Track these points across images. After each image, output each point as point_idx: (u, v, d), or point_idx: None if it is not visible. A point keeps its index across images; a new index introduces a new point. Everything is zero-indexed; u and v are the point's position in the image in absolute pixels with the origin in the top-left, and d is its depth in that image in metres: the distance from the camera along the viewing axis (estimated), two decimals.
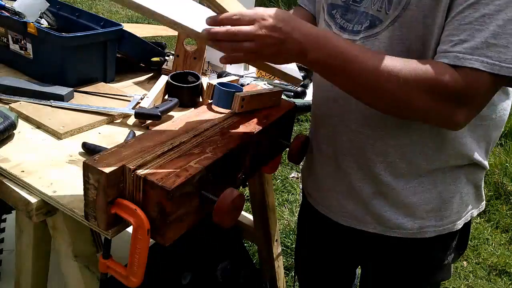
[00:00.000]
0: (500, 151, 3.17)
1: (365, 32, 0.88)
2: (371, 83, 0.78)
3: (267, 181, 1.64)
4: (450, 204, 0.96)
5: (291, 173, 2.89)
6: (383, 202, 0.97)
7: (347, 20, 0.92)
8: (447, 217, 0.97)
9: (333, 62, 0.79)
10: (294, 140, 1.07)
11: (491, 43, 0.72)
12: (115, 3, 0.71)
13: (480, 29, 0.73)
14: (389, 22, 0.84)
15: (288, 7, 6.15)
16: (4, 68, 1.36)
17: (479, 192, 1.03)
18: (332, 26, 0.95)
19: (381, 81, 0.77)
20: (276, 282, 1.86)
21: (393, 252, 1.04)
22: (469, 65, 0.73)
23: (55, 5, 1.48)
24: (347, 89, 0.84)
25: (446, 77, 0.74)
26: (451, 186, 0.96)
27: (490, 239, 2.50)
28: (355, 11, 0.91)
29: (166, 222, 0.73)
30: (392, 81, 0.76)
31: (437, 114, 0.79)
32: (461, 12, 0.75)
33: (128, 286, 0.78)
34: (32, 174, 0.89)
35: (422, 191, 0.95)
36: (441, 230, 0.98)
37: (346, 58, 0.78)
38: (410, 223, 0.97)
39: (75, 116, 1.12)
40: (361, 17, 0.89)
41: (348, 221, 1.03)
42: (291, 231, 2.37)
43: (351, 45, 0.81)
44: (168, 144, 0.83)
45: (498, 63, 0.72)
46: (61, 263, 0.97)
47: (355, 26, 0.90)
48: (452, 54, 0.75)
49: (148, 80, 1.46)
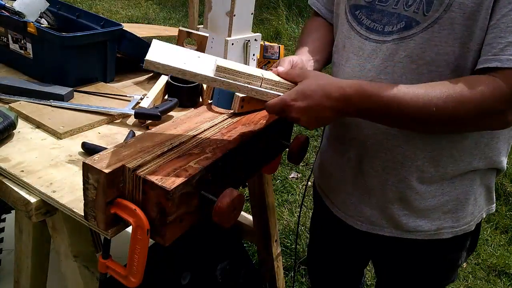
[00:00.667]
0: None
1: (399, 34, 0.86)
2: (421, 122, 0.81)
3: (267, 181, 1.64)
4: (466, 205, 0.97)
5: (291, 174, 2.89)
6: (403, 206, 0.96)
7: (374, 20, 0.90)
8: (463, 218, 0.98)
9: (378, 113, 0.82)
10: (294, 140, 1.06)
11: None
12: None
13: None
14: (428, 24, 0.82)
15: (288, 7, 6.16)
16: (4, 68, 1.36)
17: (491, 194, 1.03)
18: (357, 28, 0.93)
19: (431, 120, 0.79)
20: (275, 282, 1.86)
21: (409, 254, 1.04)
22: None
23: (55, 5, 1.48)
24: (395, 127, 0.88)
25: (493, 95, 0.75)
26: (467, 188, 0.96)
27: (490, 240, 2.50)
28: (381, 11, 0.89)
29: (166, 222, 0.73)
30: (442, 115, 0.78)
31: (487, 127, 0.84)
32: (507, 15, 0.75)
33: (128, 286, 0.78)
34: (32, 174, 0.89)
35: (441, 193, 0.95)
36: (458, 231, 0.98)
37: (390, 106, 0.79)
38: (428, 225, 0.97)
39: (75, 116, 1.12)
40: (392, 18, 0.87)
41: (363, 225, 1.03)
42: (290, 231, 2.37)
43: (387, 89, 0.80)
44: (168, 144, 0.83)
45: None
46: (61, 263, 0.96)
47: (385, 27, 0.88)
48: (504, 57, 0.75)
49: (148, 80, 1.46)
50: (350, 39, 0.95)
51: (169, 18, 5.55)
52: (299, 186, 2.77)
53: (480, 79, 0.77)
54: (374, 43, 0.90)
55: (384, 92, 0.79)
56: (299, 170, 2.93)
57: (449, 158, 0.91)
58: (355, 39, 0.94)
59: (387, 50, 0.88)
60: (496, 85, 0.75)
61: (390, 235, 0.99)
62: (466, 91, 0.76)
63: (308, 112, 0.80)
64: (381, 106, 0.79)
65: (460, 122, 0.80)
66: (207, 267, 1.59)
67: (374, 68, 0.90)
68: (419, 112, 0.78)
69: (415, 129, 0.86)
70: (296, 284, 2.06)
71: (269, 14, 5.83)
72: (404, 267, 1.08)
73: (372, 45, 0.90)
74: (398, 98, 0.78)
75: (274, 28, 5.28)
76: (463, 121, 0.79)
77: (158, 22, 5.39)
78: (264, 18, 5.73)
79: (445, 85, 0.78)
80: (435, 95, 0.77)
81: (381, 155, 0.95)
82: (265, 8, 6.06)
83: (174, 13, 5.71)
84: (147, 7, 5.98)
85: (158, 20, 5.45)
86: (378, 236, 1.01)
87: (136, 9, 5.85)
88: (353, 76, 0.93)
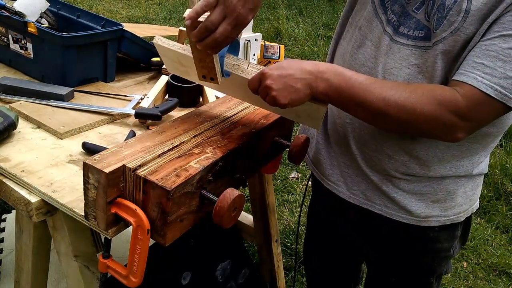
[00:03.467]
0: (500, 152, 3.17)
1: (416, 41, 0.88)
2: (378, 117, 0.84)
3: (267, 181, 1.64)
4: (455, 196, 1.00)
5: (291, 173, 2.89)
6: (391, 187, 1.00)
7: (393, 12, 0.92)
8: (451, 208, 1.00)
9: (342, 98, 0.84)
10: (294, 140, 1.07)
11: (509, 76, 0.76)
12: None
13: (504, 60, 0.77)
14: (435, 41, 0.85)
15: (288, 7, 6.16)
16: (4, 68, 1.37)
17: (479, 189, 1.06)
18: (382, 17, 0.94)
19: (388, 119, 0.82)
20: (276, 282, 1.86)
21: (399, 240, 1.06)
22: (484, 90, 0.77)
23: (55, 5, 1.48)
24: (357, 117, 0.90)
25: (458, 95, 0.79)
26: (457, 179, 0.99)
27: (490, 240, 2.50)
28: (402, 6, 0.91)
29: (166, 222, 0.73)
30: (398, 116, 0.81)
31: (437, 137, 0.85)
32: (491, 40, 0.78)
33: (128, 286, 0.78)
34: (32, 174, 0.89)
35: (429, 183, 0.98)
36: (445, 220, 1.01)
37: (354, 93, 0.82)
38: (415, 207, 1.00)
39: (75, 116, 1.12)
40: (410, 21, 0.89)
41: (356, 199, 1.06)
42: (291, 231, 2.37)
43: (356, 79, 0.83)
44: (168, 144, 0.83)
45: (510, 94, 0.77)
46: (61, 263, 0.97)
47: (401, 27, 0.90)
48: (472, 74, 0.79)
49: (148, 80, 1.46)
50: (370, 25, 0.95)
51: (170, 18, 5.56)
52: (300, 186, 2.77)
53: (443, 90, 0.81)
54: (388, 39, 0.91)
55: (357, 76, 0.83)
56: (300, 170, 2.93)
57: (434, 158, 0.94)
58: (376, 28, 0.94)
59: (398, 51, 0.89)
60: (454, 98, 0.78)
61: (381, 213, 1.03)
62: (425, 98, 0.80)
63: (280, 80, 0.83)
64: (349, 87, 0.83)
65: (413, 126, 0.83)
66: (207, 267, 1.59)
67: (382, 64, 0.92)
68: (377, 108, 0.82)
69: (372, 122, 0.89)
70: (296, 284, 2.06)
71: (269, 14, 5.84)
72: (394, 255, 1.09)
73: (387, 41, 0.92)
74: (366, 86, 0.82)
75: (274, 28, 5.29)
76: (416, 125, 0.82)
77: (159, 22, 5.39)
78: (264, 18, 5.73)
79: (408, 89, 0.82)
80: (398, 97, 0.80)
81: (371, 146, 0.99)
82: (265, 8, 6.07)
83: (174, 13, 5.71)
84: (148, 7, 5.98)
85: (159, 20, 5.45)
86: (370, 215, 1.04)
87: (136, 9, 5.85)
88: (364, 66, 0.95)
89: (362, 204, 1.05)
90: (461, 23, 0.81)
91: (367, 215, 1.05)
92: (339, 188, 1.08)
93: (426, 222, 1.00)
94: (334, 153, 1.08)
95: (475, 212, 1.10)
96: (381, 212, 1.03)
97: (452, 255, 1.09)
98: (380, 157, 0.98)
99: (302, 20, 5.81)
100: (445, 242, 1.05)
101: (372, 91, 0.81)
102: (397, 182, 0.99)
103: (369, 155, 1.00)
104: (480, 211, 2.70)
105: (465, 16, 0.81)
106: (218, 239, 1.62)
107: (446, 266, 1.11)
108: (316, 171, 1.17)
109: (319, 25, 5.68)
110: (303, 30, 5.39)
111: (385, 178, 1.00)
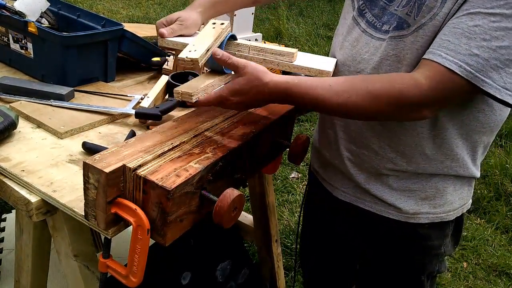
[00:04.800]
0: (500, 152, 3.17)
1: (393, 33, 0.91)
2: (343, 115, 0.92)
3: (268, 181, 1.64)
4: (445, 194, 1.00)
5: (291, 173, 2.89)
6: (380, 184, 1.02)
7: (374, 15, 0.95)
8: (440, 206, 1.01)
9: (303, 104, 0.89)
10: (294, 140, 1.07)
11: (474, 53, 0.76)
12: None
13: (469, 37, 0.77)
14: (415, 28, 0.87)
15: (288, 7, 6.16)
16: (5, 68, 1.36)
17: (471, 189, 1.07)
18: (358, 19, 0.99)
19: (352, 113, 0.87)
20: (276, 282, 1.86)
21: (394, 238, 1.06)
22: (448, 66, 0.78)
23: (56, 5, 1.48)
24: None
25: (418, 77, 0.80)
26: (446, 178, 0.99)
27: (490, 240, 2.50)
28: (383, 9, 0.94)
29: (166, 222, 0.73)
30: (360, 110, 0.84)
31: (408, 119, 0.90)
32: (459, 18, 0.79)
33: (128, 286, 0.78)
34: (32, 174, 0.89)
35: (417, 180, 0.99)
36: (434, 217, 1.02)
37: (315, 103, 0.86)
38: (404, 204, 1.01)
39: (76, 116, 1.12)
40: (392, 18, 0.92)
41: (347, 196, 1.08)
42: (291, 231, 2.37)
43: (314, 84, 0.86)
44: (168, 144, 0.83)
45: (475, 72, 0.77)
46: (61, 263, 0.97)
47: (384, 25, 0.93)
48: (437, 52, 0.80)
49: (149, 80, 1.46)
50: (350, 29, 1.01)
51: None
52: (300, 186, 2.77)
53: (403, 77, 0.83)
54: (369, 38, 0.96)
55: (308, 92, 0.85)
56: (300, 170, 2.93)
57: (421, 155, 0.95)
58: (354, 30, 1.00)
59: (380, 46, 0.93)
60: (414, 83, 0.80)
61: (370, 210, 1.04)
62: (385, 88, 0.82)
63: (239, 105, 0.89)
64: (306, 102, 0.87)
65: (380, 116, 0.86)
66: (207, 267, 1.59)
67: (364, 61, 0.95)
68: (338, 109, 0.85)
69: (342, 117, 0.99)
70: (296, 284, 2.06)
71: (269, 14, 5.84)
72: (388, 253, 1.10)
73: (367, 39, 0.96)
74: (320, 95, 0.85)
75: (275, 28, 5.29)
76: (382, 114, 0.85)
77: None
78: (264, 18, 5.73)
79: (367, 81, 0.84)
80: (355, 92, 0.83)
81: (359, 143, 1.01)
82: (266, 8, 6.07)
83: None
84: (148, 7, 5.98)
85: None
86: (364, 214, 1.05)
87: (137, 9, 5.85)
88: (344, 65, 1.01)
89: (353, 201, 1.07)
90: (439, 8, 0.83)
91: (362, 214, 1.06)
92: (332, 187, 1.11)
93: (414, 219, 1.01)
94: (327, 153, 1.11)
95: (473, 212, 1.11)
96: (370, 209, 1.04)
97: (443, 254, 1.09)
98: (368, 154, 1.00)
99: (303, 20, 5.81)
100: (435, 240, 1.05)
101: (327, 99, 0.85)
102: (386, 179, 1.01)
103: (356, 152, 1.02)
104: (480, 211, 2.70)
105: (443, 1, 0.82)
106: (218, 239, 1.62)
107: (439, 265, 1.11)
108: (313, 169, 1.20)
109: (319, 25, 5.68)
110: (304, 30, 5.39)
111: (374, 175, 1.02)
